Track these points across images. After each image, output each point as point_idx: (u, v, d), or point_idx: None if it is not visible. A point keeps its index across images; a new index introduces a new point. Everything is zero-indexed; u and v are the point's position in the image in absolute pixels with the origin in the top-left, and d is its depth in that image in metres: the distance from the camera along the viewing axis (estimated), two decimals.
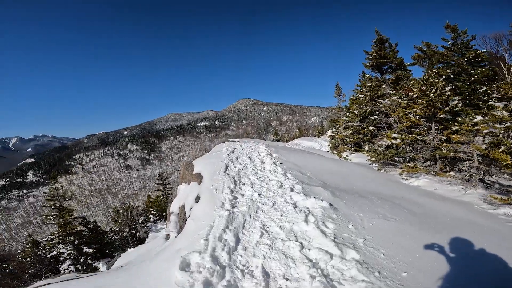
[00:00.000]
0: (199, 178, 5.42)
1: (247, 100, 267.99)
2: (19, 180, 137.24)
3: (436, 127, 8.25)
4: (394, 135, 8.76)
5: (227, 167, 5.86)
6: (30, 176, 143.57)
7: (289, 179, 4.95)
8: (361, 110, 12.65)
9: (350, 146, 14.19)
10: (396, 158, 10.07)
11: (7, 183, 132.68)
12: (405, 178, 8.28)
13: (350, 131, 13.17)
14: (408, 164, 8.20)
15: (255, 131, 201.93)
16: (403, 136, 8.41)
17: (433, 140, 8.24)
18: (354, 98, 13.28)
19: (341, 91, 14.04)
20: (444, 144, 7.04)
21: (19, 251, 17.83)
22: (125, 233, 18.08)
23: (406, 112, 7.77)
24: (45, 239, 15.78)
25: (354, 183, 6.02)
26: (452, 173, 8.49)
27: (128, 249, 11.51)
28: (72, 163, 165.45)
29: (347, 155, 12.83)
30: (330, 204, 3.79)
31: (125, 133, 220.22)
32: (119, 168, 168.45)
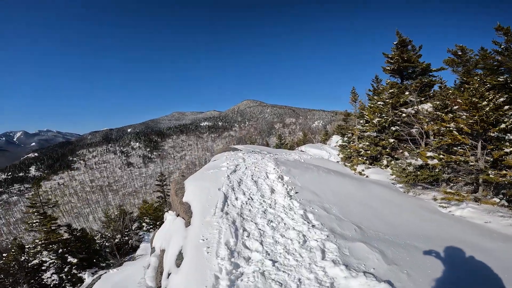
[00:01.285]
0: (187, 213, 4.04)
1: (251, 101, 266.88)
2: (21, 174, 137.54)
3: (482, 147, 6.78)
4: (429, 153, 7.30)
5: (226, 199, 4.40)
6: (33, 170, 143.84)
7: (313, 226, 3.48)
8: (380, 119, 11.16)
9: (365, 158, 12.72)
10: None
11: (9, 177, 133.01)
12: (443, 205, 6.82)
13: (367, 143, 11.68)
14: (449, 190, 6.71)
15: (258, 133, 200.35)
16: (441, 156, 6.94)
17: (477, 162, 6.77)
18: (372, 105, 11.80)
19: (358, 97, 12.58)
20: (504, 173, 5.54)
21: (3, 255, 16.78)
22: (116, 240, 16.92)
23: (451, 127, 6.29)
24: (27, 246, 14.69)
25: (393, 221, 4.59)
26: (495, 199, 7.02)
27: (111, 270, 10.15)
28: (75, 159, 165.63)
29: (362, 170, 11.33)
30: (390, 284, 2.36)
31: (129, 130, 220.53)
32: (121, 165, 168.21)
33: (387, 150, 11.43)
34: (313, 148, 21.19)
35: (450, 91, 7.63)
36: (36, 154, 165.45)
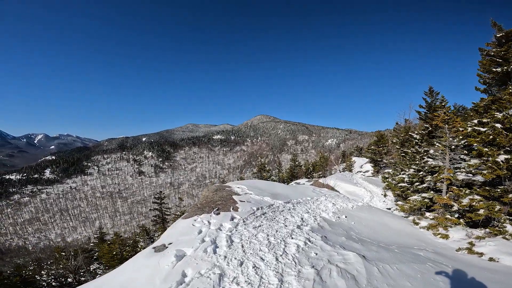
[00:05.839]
0: None
1: (264, 116, 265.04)
2: (36, 176, 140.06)
3: None
4: None
5: None
6: (47, 173, 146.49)
7: None
8: (509, 157, 5.95)
9: (457, 216, 7.36)
10: None
11: (24, 177, 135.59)
12: None
13: (477, 196, 6.40)
14: None
15: (270, 149, 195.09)
16: None
17: None
18: (494, 129, 6.64)
19: (457, 116, 7.45)
20: None
21: None
22: (69, 279, 13.55)
23: None
24: None
25: None
26: None
27: None
28: (89, 164, 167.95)
29: (472, 244, 5.98)
30: None
31: (144, 139, 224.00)
32: (133, 174, 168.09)
33: None
34: (344, 182, 15.86)
35: None
36: (53, 157, 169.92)
